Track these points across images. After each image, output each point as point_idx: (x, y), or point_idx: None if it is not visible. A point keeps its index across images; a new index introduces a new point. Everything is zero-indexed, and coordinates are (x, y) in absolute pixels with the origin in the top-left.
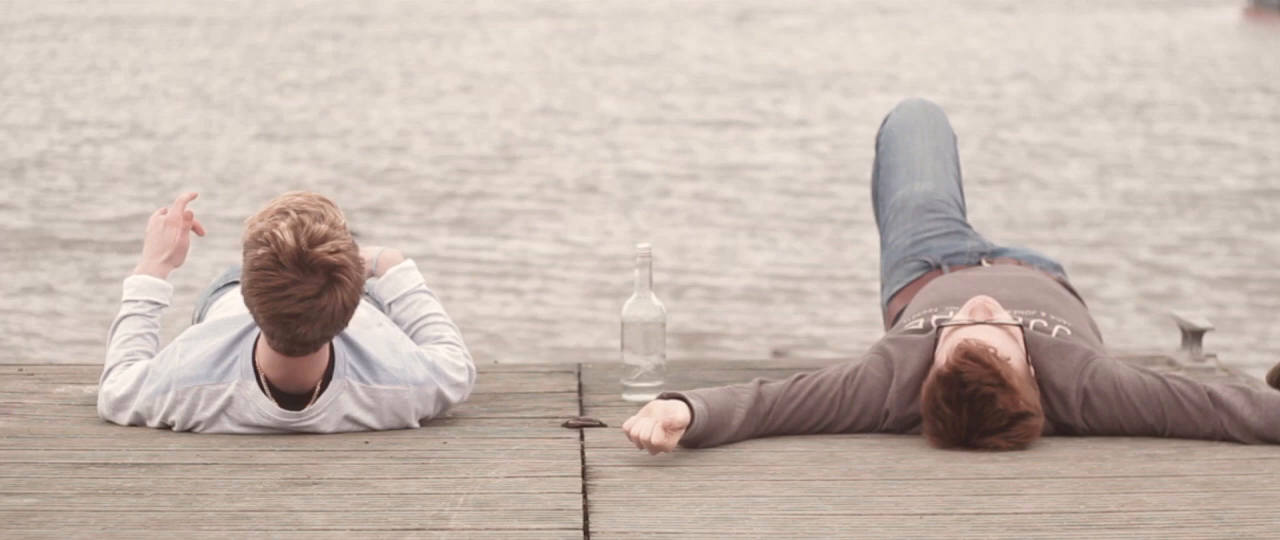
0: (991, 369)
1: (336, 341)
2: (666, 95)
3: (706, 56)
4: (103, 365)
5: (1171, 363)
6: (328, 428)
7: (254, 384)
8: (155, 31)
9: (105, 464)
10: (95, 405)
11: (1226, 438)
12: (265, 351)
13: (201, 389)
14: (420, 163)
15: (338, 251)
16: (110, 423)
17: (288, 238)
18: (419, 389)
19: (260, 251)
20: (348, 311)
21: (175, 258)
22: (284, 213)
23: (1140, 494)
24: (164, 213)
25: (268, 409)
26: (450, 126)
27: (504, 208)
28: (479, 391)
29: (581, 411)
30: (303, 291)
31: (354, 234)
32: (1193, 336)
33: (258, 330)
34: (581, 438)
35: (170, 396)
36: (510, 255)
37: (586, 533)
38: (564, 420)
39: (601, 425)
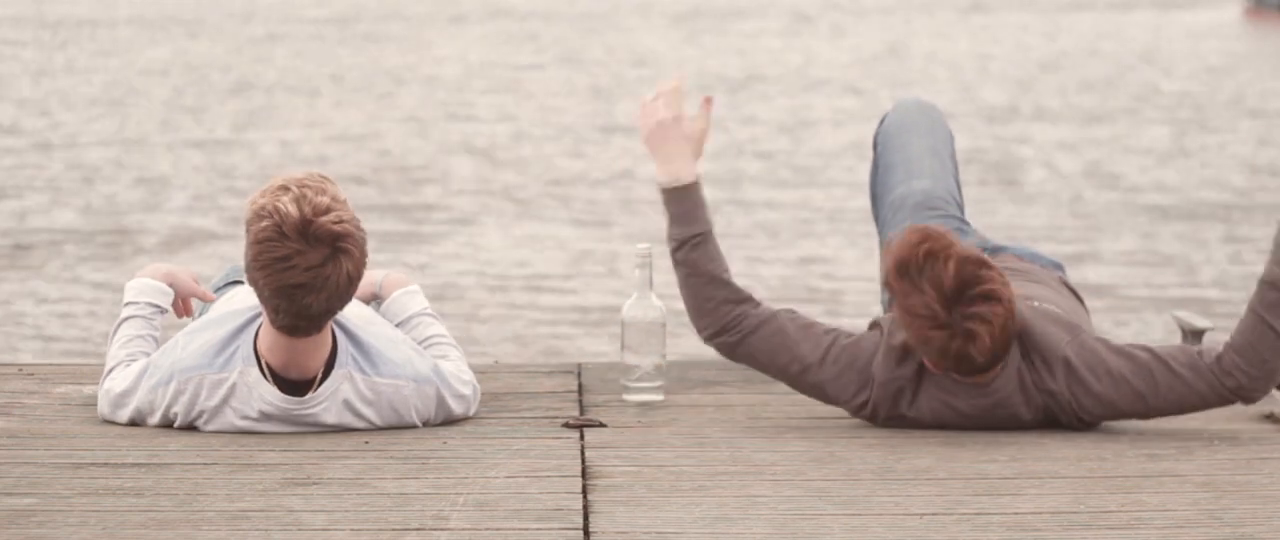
0: (944, 235)
1: (338, 332)
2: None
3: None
4: (103, 366)
5: None
6: (328, 417)
7: (256, 371)
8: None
9: (105, 464)
10: (95, 405)
11: (1222, 391)
12: (268, 336)
13: (204, 378)
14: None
15: (341, 221)
16: (110, 422)
17: (291, 209)
18: (418, 386)
19: (263, 224)
20: (352, 282)
21: (178, 285)
22: (285, 188)
23: (1140, 494)
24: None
25: (270, 395)
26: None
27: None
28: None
29: (581, 412)
30: (307, 261)
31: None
32: (1193, 336)
33: (259, 321)
34: (581, 438)
35: (172, 387)
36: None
37: (586, 533)
38: (564, 420)
39: (602, 425)
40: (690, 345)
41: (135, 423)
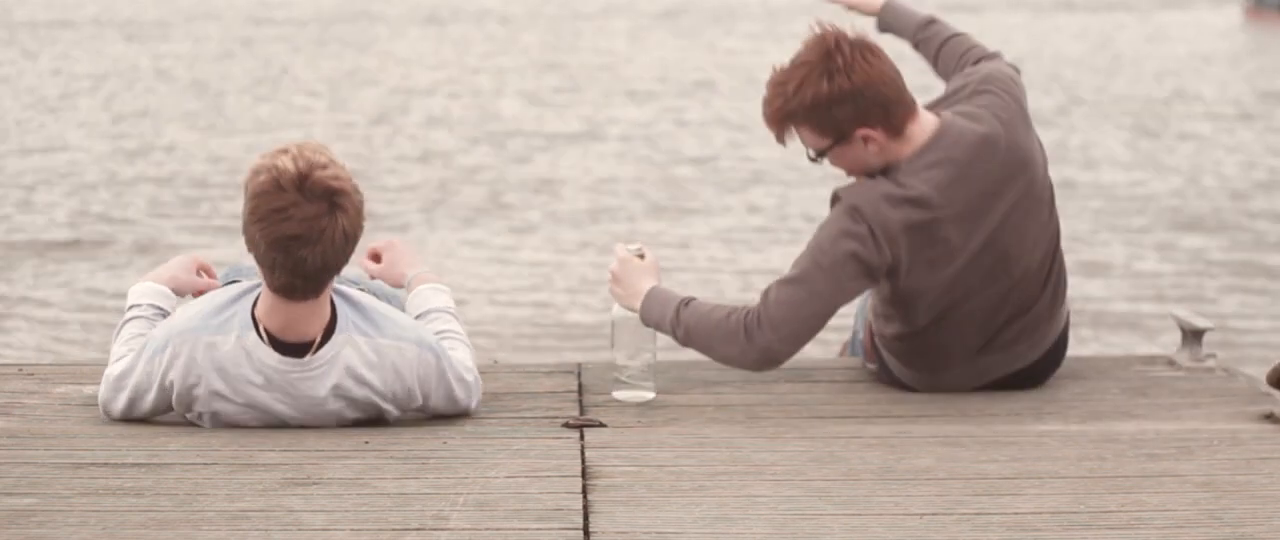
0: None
1: (338, 300)
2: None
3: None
4: (103, 366)
5: (1171, 362)
6: (328, 381)
7: (253, 335)
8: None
9: (105, 464)
10: (95, 405)
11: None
12: (266, 300)
13: (199, 339)
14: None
15: (338, 178)
16: (109, 421)
17: (288, 165)
18: (420, 352)
19: (261, 178)
20: (349, 241)
21: (180, 288)
22: (284, 150)
23: (1140, 494)
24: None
25: (268, 358)
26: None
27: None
28: None
29: (582, 411)
30: (303, 213)
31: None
32: (1193, 336)
33: (257, 291)
34: (581, 438)
35: (168, 353)
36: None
37: (586, 533)
38: (564, 420)
39: (602, 425)
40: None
41: (132, 406)
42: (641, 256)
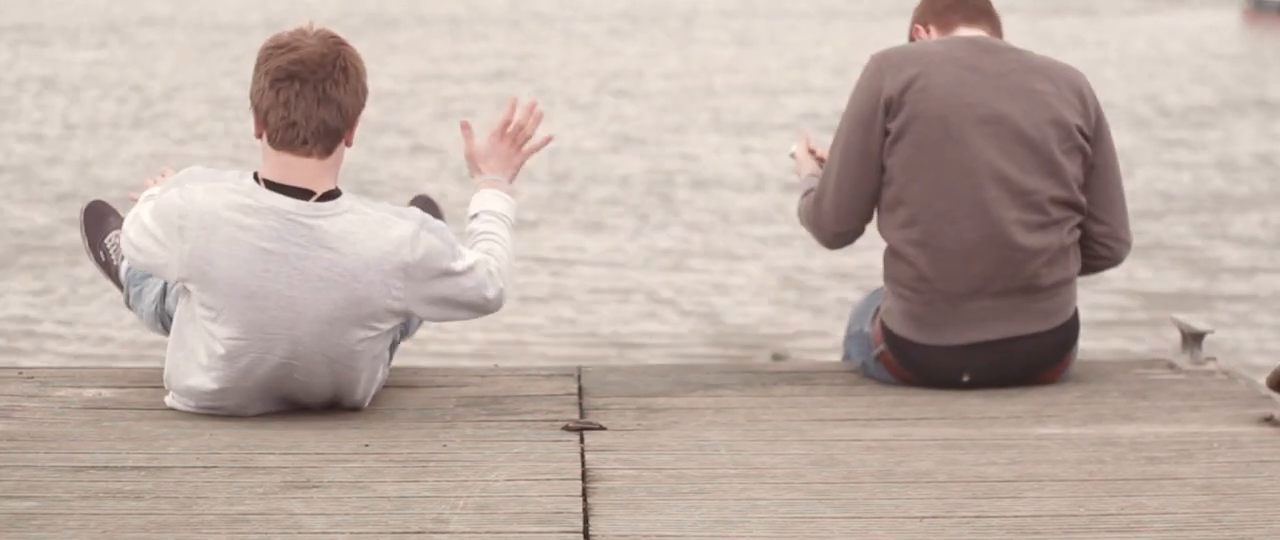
0: None
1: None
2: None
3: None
4: (102, 368)
5: (1172, 365)
6: (335, 226)
7: (251, 181)
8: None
9: (105, 467)
10: (95, 408)
11: None
12: (267, 158)
13: (206, 173)
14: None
15: (344, 43)
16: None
17: (302, 27)
18: (424, 221)
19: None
20: (353, 100)
21: None
22: None
23: (1140, 497)
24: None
25: (274, 201)
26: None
27: None
28: (479, 394)
29: (581, 414)
30: (309, 48)
31: None
32: (1193, 339)
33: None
34: (581, 441)
35: (177, 187)
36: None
37: (586, 536)
38: (564, 423)
39: (601, 428)
40: (689, 348)
41: (143, 233)
42: (812, 151)
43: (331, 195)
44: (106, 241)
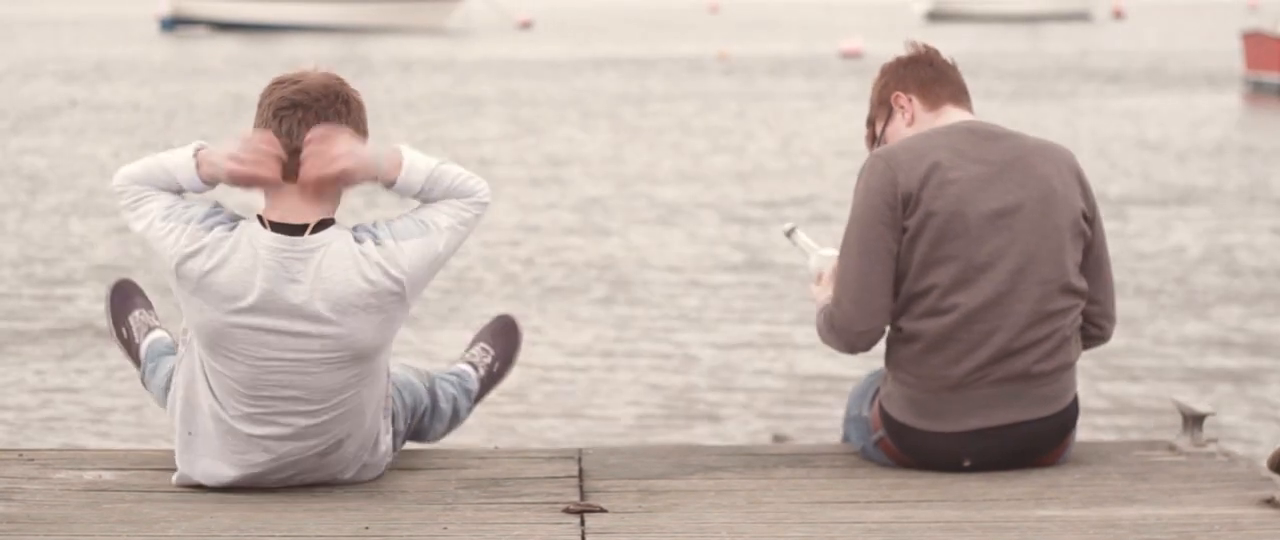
0: None
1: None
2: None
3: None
4: (101, 450)
5: (1172, 447)
6: (328, 255)
7: (254, 224)
8: None
9: None
10: (96, 491)
11: None
12: (268, 198)
13: (208, 209)
14: None
15: (345, 84)
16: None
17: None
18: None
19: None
20: (348, 120)
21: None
22: None
23: None
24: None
25: (267, 240)
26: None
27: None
28: (478, 477)
29: (582, 497)
30: (308, 83)
31: None
32: (1194, 421)
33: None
34: (582, 523)
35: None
36: None
37: None
38: (565, 506)
39: (602, 510)
40: (689, 430)
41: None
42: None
43: (323, 225)
44: (130, 319)
